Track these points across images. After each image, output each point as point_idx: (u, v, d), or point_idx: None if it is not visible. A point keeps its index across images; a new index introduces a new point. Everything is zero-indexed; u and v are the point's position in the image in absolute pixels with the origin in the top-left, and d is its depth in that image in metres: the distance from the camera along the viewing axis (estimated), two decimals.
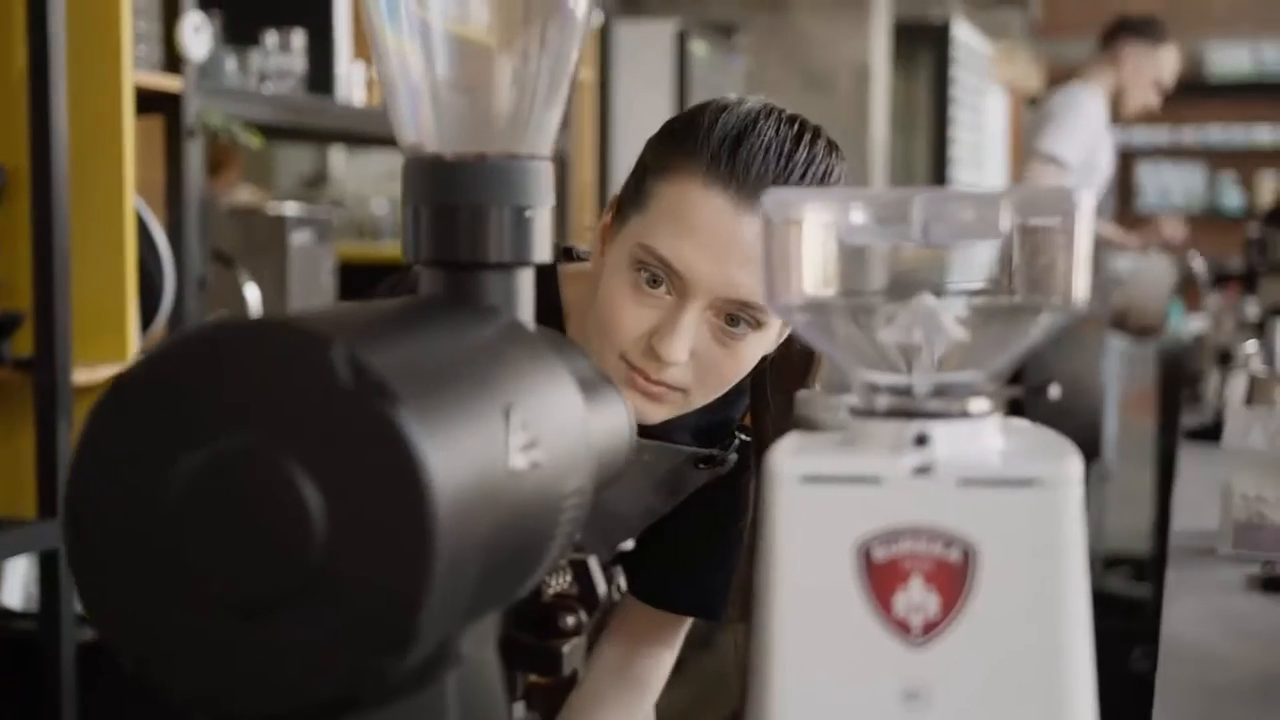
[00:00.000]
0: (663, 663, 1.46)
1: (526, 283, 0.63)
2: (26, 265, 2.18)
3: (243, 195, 4.26)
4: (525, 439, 0.55)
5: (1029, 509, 0.58)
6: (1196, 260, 4.58)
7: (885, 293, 0.63)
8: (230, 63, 2.85)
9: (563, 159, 3.92)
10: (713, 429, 1.32)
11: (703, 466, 1.32)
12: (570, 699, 1.39)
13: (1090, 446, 3.48)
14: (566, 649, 0.67)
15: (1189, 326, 4.50)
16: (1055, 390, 3.24)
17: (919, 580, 0.58)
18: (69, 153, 2.19)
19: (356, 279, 2.59)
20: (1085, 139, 4.23)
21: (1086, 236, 0.61)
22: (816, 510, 0.59)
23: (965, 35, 6.89)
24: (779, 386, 1.27)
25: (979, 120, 7.30)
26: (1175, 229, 4.79)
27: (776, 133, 1.15)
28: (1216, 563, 1.67)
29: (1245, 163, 8.90)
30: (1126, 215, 7.01)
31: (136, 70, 2.43)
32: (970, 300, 0.62)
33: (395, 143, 0.62)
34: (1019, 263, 0.62)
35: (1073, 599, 0.58)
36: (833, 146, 1.19)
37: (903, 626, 0.58)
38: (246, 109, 2.82)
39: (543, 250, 0.62)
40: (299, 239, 3.00)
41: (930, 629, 0.58)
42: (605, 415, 0.66)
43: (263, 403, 0.49)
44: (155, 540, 0.50)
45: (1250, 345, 2.78)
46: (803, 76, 5.54)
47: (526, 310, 0.63)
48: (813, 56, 5.57)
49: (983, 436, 0.60)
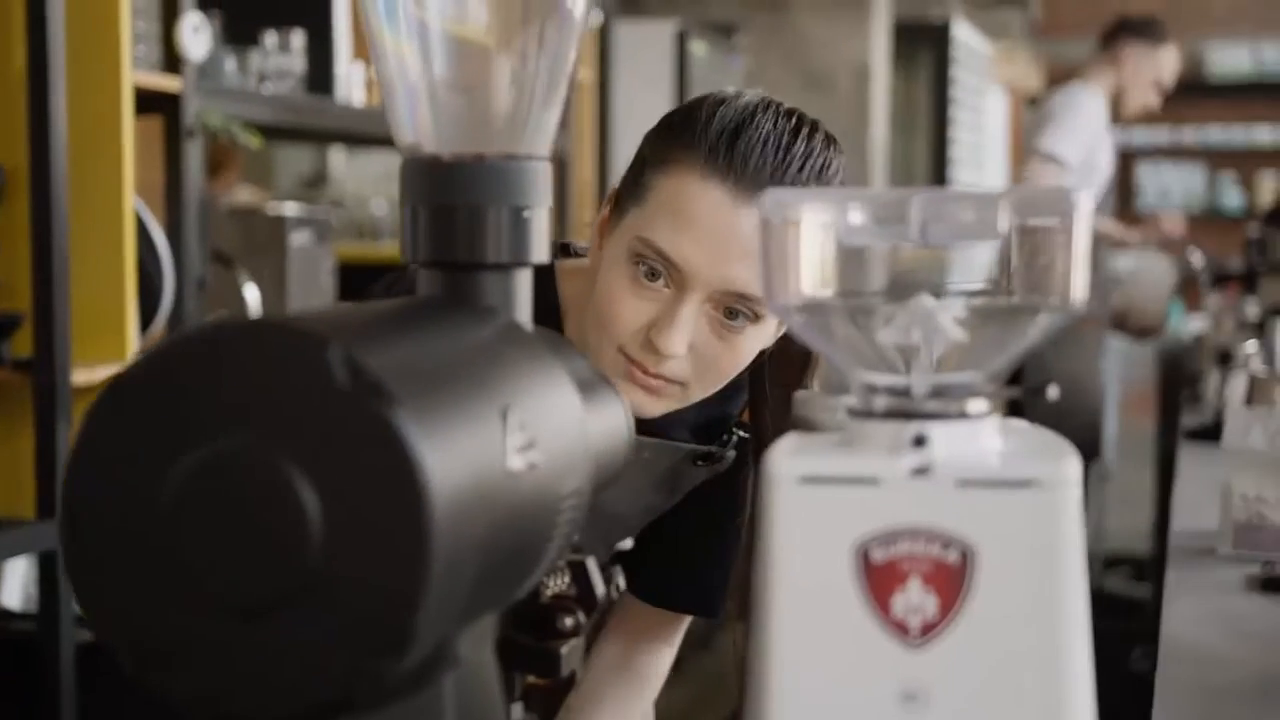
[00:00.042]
0: (662, 659, 1.46)
1: (524, 283, 0.63)
2: (26, 266, 2.18)
3: (242, 196, 4.26)
4: (523, 440, 0.55)
5: (1027, 510, 0.58)
6: (1196, 256, 4.58)
7: (884, 293, 0.63)
8: (230, 63, 2.85)
9: (562, 159, 3.92)
10: (711, 425, 1.32)
11: (701, 463, 1.32)
12: (569, 698, 1.39)
13: (1090, 447, 3.48)
14: (565, 650, 0.67)
15: (1189, 326, 4.49)
16: (1054, 391, 3.24)
17: (917, 581, 0.58)
18: (68, 153, 2.19)
19: (356, 279, 2.59)
20: (1085, 139, 4.23)
21: (1085, 237, 0.60)
22: (815, 511, 0.58)
23: (965, 35, 6.89)
24: (777, 381, 1.27)
25: (979, 120, 7.30)
26: (1175, 224, 4.78)
27: (774, 126, 1.14)
28: (1216, 563, 1.67)
29: (1245, 163, 8.89)
30: (1126, 215, 6.99)
31: (136, 70, 2.43)
32: (969, 301, 0.62)
33: (394, 143, 0.62)
34: (1018, 263, 0.62)
35: (1071, 600, 0.58)
36: (831, 140, 1.18)
37: (901, 628, 0.58)
38: (246, 109, 2.82)
39: (541, 250, 0.62)
40: (298, 239, 3.00)
41: (929, 630, 0.58)
42: (603, 416, 0.66)
43: (260, 403, 0.49)
44: (152, 541, 0.50)
45: (1250, 345, 2.78)
46: (802, 76, 5.54)
47: (524, 311, 0.63)
48: (813, 56, 5.57)
49: (981, 437, 0.60)
